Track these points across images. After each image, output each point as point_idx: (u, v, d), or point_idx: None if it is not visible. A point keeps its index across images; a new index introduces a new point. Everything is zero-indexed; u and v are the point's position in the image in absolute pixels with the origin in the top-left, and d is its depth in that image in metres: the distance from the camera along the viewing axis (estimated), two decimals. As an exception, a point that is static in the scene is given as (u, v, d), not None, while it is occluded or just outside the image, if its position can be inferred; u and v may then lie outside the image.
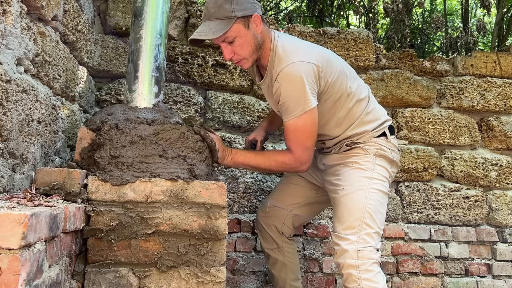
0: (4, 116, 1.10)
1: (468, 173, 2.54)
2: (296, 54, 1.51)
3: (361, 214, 1.52)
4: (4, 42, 1.10)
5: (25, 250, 0.83)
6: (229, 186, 2.27)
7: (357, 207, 1.54)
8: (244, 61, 1.57)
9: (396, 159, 1.69)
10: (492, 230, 2.53)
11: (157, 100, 1.57)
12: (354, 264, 1.47)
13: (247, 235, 2.25)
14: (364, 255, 1.47)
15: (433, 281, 2.42)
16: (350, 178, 1.60)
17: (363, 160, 1.61)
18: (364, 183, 1.57)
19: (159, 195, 1.29)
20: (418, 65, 2.60)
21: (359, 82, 1.68)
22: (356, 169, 1.61)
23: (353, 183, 1.58)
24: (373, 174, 1.59)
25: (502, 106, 2.63)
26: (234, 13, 1.47)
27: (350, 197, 1.57)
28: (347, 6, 4.17)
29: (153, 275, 1.26)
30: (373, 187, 1.57)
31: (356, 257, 1.47)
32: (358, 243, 1.49)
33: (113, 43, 2.20)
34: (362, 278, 1.46)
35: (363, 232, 1.50)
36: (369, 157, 1.62)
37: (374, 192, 1.57)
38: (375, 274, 1.47)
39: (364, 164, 1.60)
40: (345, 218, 1.55)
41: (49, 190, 1.21)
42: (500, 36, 3.68)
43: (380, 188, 1.59)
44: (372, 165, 1.60)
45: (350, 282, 1.49)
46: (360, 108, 1.63)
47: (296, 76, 1.47)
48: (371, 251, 1.48)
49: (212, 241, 1.31)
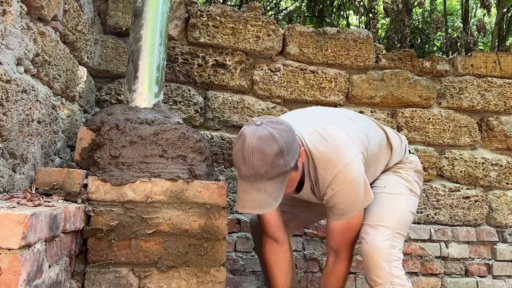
0: (4, 116, 1.10)
1: (468, 173, 2.54)
2: (341, 150, 1.37)
3: (400, 217, 1.53)
4: (4, 42, 1.10)
5: (25, 250, 0.83)
6: (229, 186, 2.27)
7: (397, 208, 1.55)
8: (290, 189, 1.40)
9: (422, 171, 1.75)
10: (492, 230, 2.53)
11: (157, 100, 1.57)
12: (386, 259, 1.45)
13: (247, 235, 2.25)
14: (395, 253, 1.47)
15: (433, 281, 2.42)
16: (392, 181, 1.63)
17: (406, 172, 1.66)
18: (405, 191, 1.61)
19: (159, 195, 1.29)
20: (418, 65, 2.60)
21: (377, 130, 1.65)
22: (399, 177, 1.64)
23: (395, 187, 1.61)
24: (413, 187, 1.64)
25: (502, 106, 2.63)
26: (289, 166, 1.25)
27: (392, 197, 1.57)
28: (347, 6, 4.17)
29: (153, 275, 1.26)
30: (412, 198, 1.62)
31: (388, 252, 1.45)
32: (391, 240, 1.48)
33: (113, 43, 2.20)
34: (393, 275, 1.44)
35: (397, 231, 1.51)
36: (409, 172, 1.66)
37: (411, 202, 1.61)
38: (403, 274, 1.47)
39: (406, 176, 1.65)
40: (383, 215, 1.53)
41: (49, 190, 1.21)
42: (500, 36, 3.68)
43: (415, 201, 1.64)
44: (412, 178, 1.65)
45: (380, 276, 1.45)
46: (388, 154, 1.65)
47: (356, 180, 1.37)
48: (399, 250, 1.49)
49: (212, 241, 1.31)
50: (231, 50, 2.35)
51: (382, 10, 3.56)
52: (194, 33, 2.30)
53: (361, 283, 2.33)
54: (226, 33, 2.34)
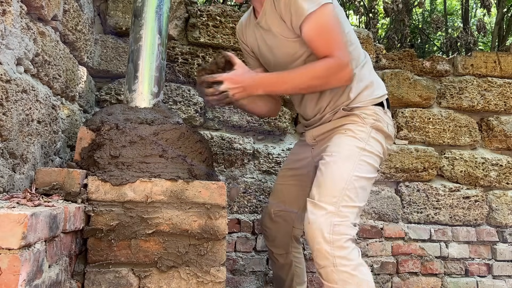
0: (4, 116, 1.10)
1: (468, 173, 2.54)
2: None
3: (345, 185, 1.37)
4: (4, 42, 1.10)
5: (25, 250, 0.83)
6: (229, 186, 2.27)
7: (342, 177, 1.39)
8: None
9: (392, 133, 1.56)
10: (492, 230, 2.53)
11: (157, 100, 1.57)
12: (328, 239, 1.31)
13: (247, 235, 2.25)
14: (340, 230, 1.32)
15: (433, 281, 2.42)
16: (341, 144, 1.46)
17: (358, 129, 1.47)
18: (354, 152, 1.43)
19: (159, 195, 1.29)
20: (418, 65, 2.60)
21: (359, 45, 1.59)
22: (349, 137, 1.46)
23: (342, 151, 1.44)
24: (366, 145, 1.45)
25: (502, 106, 2.63)
26: None
27: (337, 164, 1.42)
28: (347, 6, 4.17)
29: (153, 275, 1.26)
30: (363, 159, 1.43)
31: (331, 232, 1.32)
32: (335, 215, 1.34)
33: (113, 43, 2.20)
34: (336, 256, 1.31)
35: (343, 204, 1.35)
36: (364, 127, 1.47)
37: (363, 164, 1.42)
38: (350, 251, 1.32)
39: (358, 134, 1.46)
40: (327, 186, 1.39)
41: (49, 190, 1.21)
42: (500, 36, 3.68)
43: (371, 162, 1.45)
44: (366, 136, 1.46)
45: (322, 259, 1.33)
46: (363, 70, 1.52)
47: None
48: (348, 226, 1.34)
49: (212, 241, 1.31)
50: (231, 50, 2.35)
51: (382, 10, 3.56)
52: (194, 33, 2.30)
53: (361, 283, 2.33)
54: (226, 33, 2.34)
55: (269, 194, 2.33)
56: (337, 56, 1.37)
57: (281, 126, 2.38)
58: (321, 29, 1.37)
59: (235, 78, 1.41)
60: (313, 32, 1.38)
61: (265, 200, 2.31)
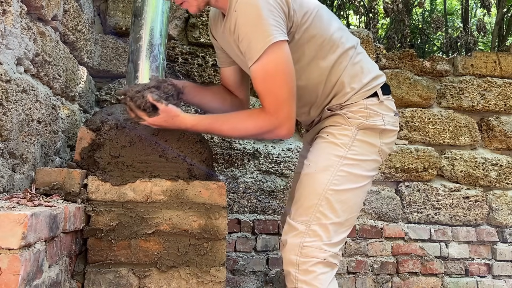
0: (4, 116, 1.10)
1: (468, 173, 2.54)
2: None
3: (317, 201, 1.25)
4: (4, 42, 1.10)
5: (25, 250, 0.83)
6: (229, 186, 2.27)
7: (315, 192, 1.27)
8: (187, 3, 1.31)
9: (392, 125, 1.37)
10: (492, 230, 2.53)
11: (157, 100, 1.56)
12: (295, 262, 1.24)
13: (247, 235, 2.25)
14: (308, 253, 1.23)
15: (433, 281, 2.42)
16: (318, 153, 1.32)
17: (340, 133, 1.31)
18: (333, 163, 1.28)
19: (159, 195, 1.29)
20: (418, 65, 2.60)
21: (345, 31, 1.41)
22: (329, 144, 1.31)
23: (319, 160, 1.30)
24: (348, 152, 1.28)
25: (502, 106, 2.63)
26: None
27: (312, 177, 1.29)
28: (347, 6, 4.17)
29: (153, 275, 1.26)
30: (342, 169, 1.27)
31: (298, 254, 1.24)
32: (305, 235, 1.24)
33: (113, 43, 2.20)
34: (299, 280, 1.23)
35: (314, 222, 1.25)
36: (348, 130, 1.30)
37: (343, 175, 1.27)
38: (315, 276, 1.22)
39: (340, 139, 1.30)
40: (300, 202, 1.29)
41: (49, 190, 1.21)
42: (500, 36, 3.68)
43: (354, 171, 1.29)
44: (350, 140, 1.29)
45: (289, 282, 1.27)
46: (346, 59, 1.34)
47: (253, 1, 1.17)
48: (318, 247, 1.23)
49: (212, 241, 1.31)
50: (231, 50, 2.35)
51: (382, 10, 3.56)
52: (194, 33, 2.30)
53: (361, 283, 2.33)
54: (226, 33, 2.34)
55: (269, 194, 2.33)
56: (273, 114, 1.23)
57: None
58: (265, 77, 1.21)
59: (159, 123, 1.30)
60: (258, 78, 1.23)
61: (265, 200, 2.31)
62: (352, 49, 1.37)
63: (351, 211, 1.30)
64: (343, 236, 1.30)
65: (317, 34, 1.31)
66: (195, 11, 1.34)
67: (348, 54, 1.35)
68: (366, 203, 2.42)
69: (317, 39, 1.31)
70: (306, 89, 1.37)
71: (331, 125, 1.34)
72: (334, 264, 1.28)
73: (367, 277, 2.35)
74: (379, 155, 1.36)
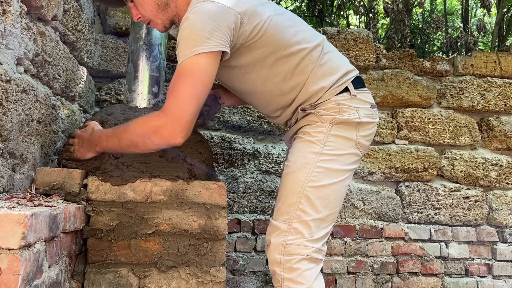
0: (4, 116, 1.10)
1: (468, 173, 2.54)
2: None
3: (297, 199, 1.28)
4: (4, 42, 1.10)
5: (25, 250, 0.83)
6: (229, 186, 2.27)
7: (293, 190, 1.30)
8: (153, 23, 1.36)
9: (368, 117, 1.38)
10: (492, 230, 2.52)
11: (157, 100, 1.57)
12: (279, 261, 1.27)
13: (247, 235, 2.25)
14: (291, 251, 1.26)
15: (433, 281, 2.42)
16: (296, 152, 1.35)
17: (315, 131, 1.33)
18: (309, 160, 1.30)
19: (159, 195, 1.29)
20: (418, 65, 2.60)
21: (307, 32, 1.40)
22: (305, 142, 1.34)
23: (297, 159, 1.33)
24: (323, 148, 1.31)
25: (502, 106, 2.63)
26: None
27: (290, 176, 1.33)
28: (347, 6, 4.17)
29: (153, 275, 1.26)
30: (319, 165, 1.30)
31: (282, 252, 1.26)
32: (287, 233, 1.27)
33: (113, 43, 2.20)
34: (284, 278, 1.26)
35: (295, 220, 1.27)
36: (322, 127, 1.33)
37: (320, 171, 1.29)
38: (300, 273, 1.25)
39: (315, 136, 1.33)
40: (282, 201, 1.32)
41: (49, 190, 1.21)
42: (500, 36, 3.68)
43: (331, 166, 1.31)
44: (324, 136, 1.32)
45: (274, 281, 1.30)
46: (311, 60, 1.34)
47: (196, 12, 1.19)
48: (300, 244, 1.26)
49: (212, 241, 1.31)
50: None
51: (382, 10, 3.56)
52: (194, 33, 2.30)
53: (361, 283, 2.33)
54: (226, 33, 2.33)
55: (269, 194, 2.33)
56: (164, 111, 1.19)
57: (281, 126, 2.38)
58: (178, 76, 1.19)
59: (81, 134, 1.34)
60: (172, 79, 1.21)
61: (265, 200, 2.31)
62: (317, 49, 1.36)
63: (332, 206, 1.32)
64: (326, 231, 1.32)
65: (274, 41, 1.31)
66: (162, 30, 1.39)
67: (312, 55, 1.35)
68: (366, 203, 2.42)
69: (275, 45, 1.31)
70: (273, 94, 1.39)
71: (307, 124, 1.37)
72: (319, 260, 1.30)
73: (367, 277, 2.35)
74: (357, 148, 1.37)
